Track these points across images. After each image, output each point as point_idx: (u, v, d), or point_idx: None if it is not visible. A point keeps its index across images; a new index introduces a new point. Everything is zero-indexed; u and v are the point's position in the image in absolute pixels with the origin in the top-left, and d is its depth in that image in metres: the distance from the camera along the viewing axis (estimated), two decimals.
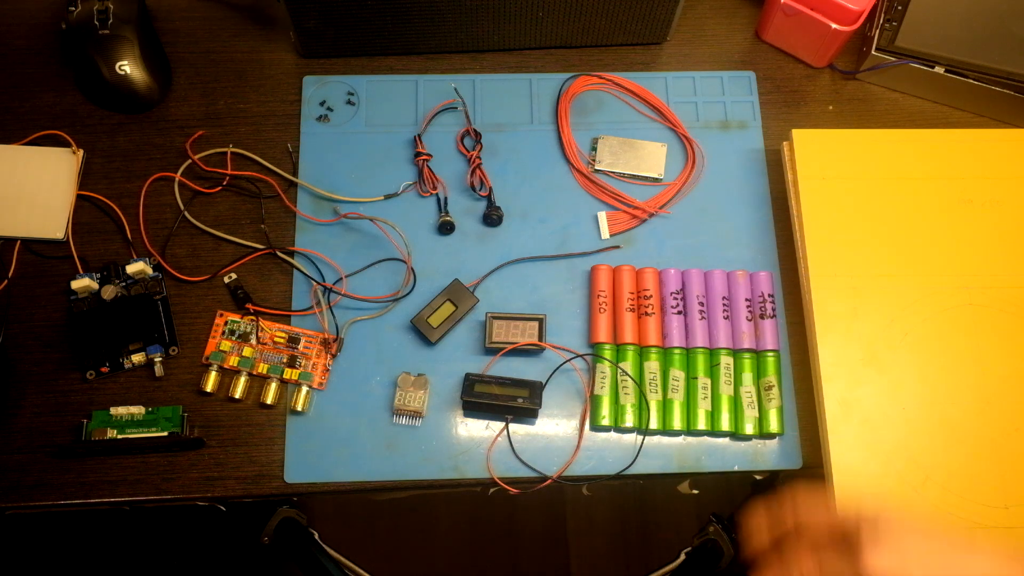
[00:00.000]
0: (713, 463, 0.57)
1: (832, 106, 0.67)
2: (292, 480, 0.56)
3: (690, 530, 0.85)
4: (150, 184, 0.63)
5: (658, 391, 0.57)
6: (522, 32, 0.66)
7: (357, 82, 0.67)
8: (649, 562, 1.19)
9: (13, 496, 0.55)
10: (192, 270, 0.60)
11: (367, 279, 0.61)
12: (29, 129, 0.64)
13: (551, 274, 0.61)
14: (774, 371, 0.57)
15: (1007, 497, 0.53)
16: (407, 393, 0.57)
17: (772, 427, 0.56)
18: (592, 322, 0.59)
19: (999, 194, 0.60)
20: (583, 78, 0.67)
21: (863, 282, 0.58)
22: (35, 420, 0.56)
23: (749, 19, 0.70)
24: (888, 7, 0.65)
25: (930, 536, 0.38)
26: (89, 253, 0.61)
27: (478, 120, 0.66)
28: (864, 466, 0.54)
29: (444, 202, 0.63)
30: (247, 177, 0.63)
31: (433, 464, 0.56)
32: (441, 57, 0.68)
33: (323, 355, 0.58)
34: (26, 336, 0.58)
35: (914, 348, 0.57)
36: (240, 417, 0.57)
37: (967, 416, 0.55)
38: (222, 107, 0.66)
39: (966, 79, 0.64)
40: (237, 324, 0.59)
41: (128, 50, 0.64)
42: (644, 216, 0.63)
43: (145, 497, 0.55)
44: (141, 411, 0.56)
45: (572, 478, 0.56)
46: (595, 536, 1.21)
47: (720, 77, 0.68)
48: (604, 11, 0.65)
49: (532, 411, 0.56)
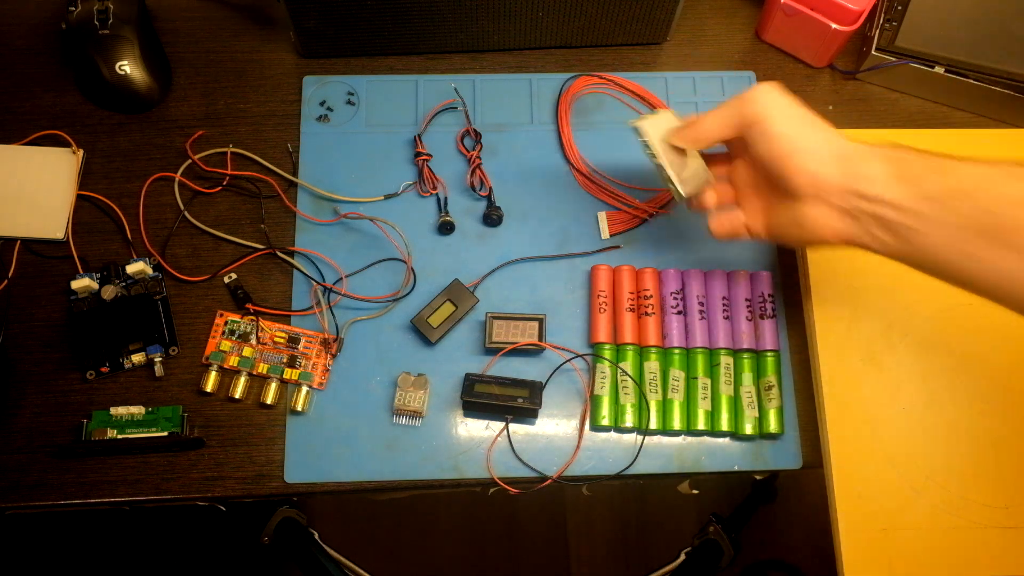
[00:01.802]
0: (713, 463, 0.57)
1: (832, 106, 0.67)
2: (292, 480, 0.56)
3: (690, 530, 0.85)
4: (150, 184, 0.63)
5: (658, 391, 0.57)
6: (522, 32, 0.66)
7: (357, 82, 0.67)
8: (649, 562, 1.19)
9: (13, 496, 0.55)
10: (192, 270, 0.61)
11: (367, 279, 0.61)
12: (29, 129, 0.64)
13: (551, 274, 0.61)
14: (774, 371, 0.57)
15: (1007, 497, 0.53)
16: (407, 393, 0.57)
17: (772, 427, 0.56)
18: (592, 322, 0.59)
19: None
20: (583, 78, 0.67)
21: (863, 282, 0.58)
22: (35, 420, 0.56)
23: (749, 19, 0.70)
24: (888, 7, 0.65)
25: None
26: (89, 253, 0.61)
27: (478, 120, 0.66)
28: (864, 466, 0.54)
29: (444, 202, 0.63)
30: (247, 177, 0.63)
31: (433, 464, 0.56)
32: (441, 57, 0.68)
33: (323, 355, 0.58)
34: (26, 336, 0.58)
35: (914, 348, 0.57)
36: (240, 417, 0.57)
37: (967, 416, 0.55)
38: (222, 107, 0.66)
39: (966, 79, 0.64)
40: (237, 324, 0.59)
41: (128, 50, 0.64)
42: (644, 216, 0.63)
43: (145, 497, 0.55)
44: (141, 411, 0.56)
45: (572, 478, 0.56)
46: (595, 536, 1.21)
47: (720, 77, 0.68)
48: (604, 11, 0.65)
49: (532, 411, 0.56)
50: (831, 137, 0.45)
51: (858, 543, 0.52)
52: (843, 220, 0.45)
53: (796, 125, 0.45)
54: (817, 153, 0.45)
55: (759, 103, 0.46)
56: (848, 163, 0.44)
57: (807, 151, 0.45)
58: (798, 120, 0.46)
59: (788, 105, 0.46)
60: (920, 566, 0.52)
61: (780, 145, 0.45)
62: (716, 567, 0.79)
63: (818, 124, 0.46)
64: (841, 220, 0.45)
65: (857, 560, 0.52)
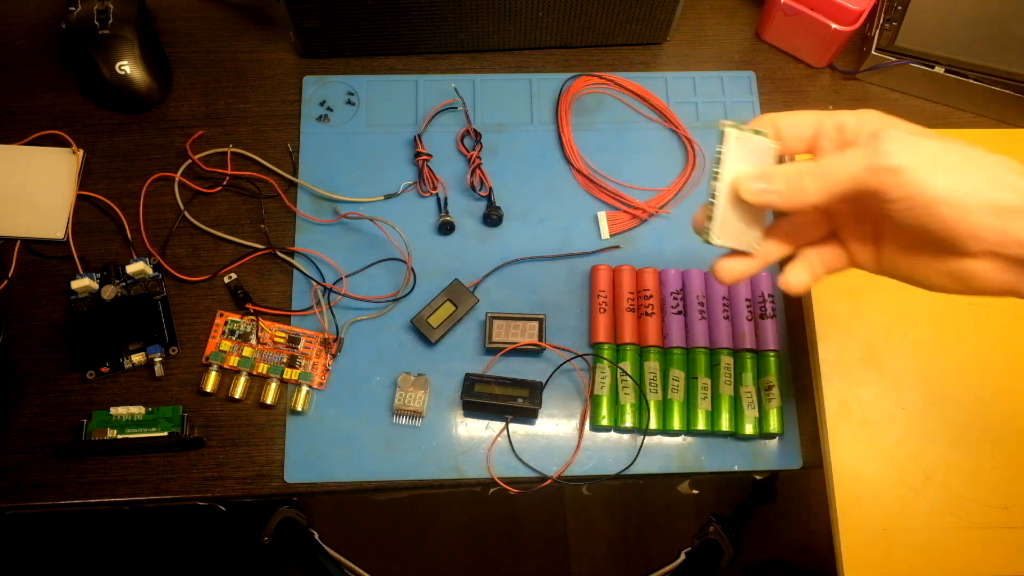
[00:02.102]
0: (713, 463, 0.57)
1: (832, 106, 0.67)
2: (292, 480, 0.56)
3: (690, 530, 0.85)
4: (150, 184, 0.63)
5: (658, 391, 0.57)
6: (522, 32, 0.66)
7: (357, 82, 0.67)
8: (649, 562, 1.19)
9: (13, 496, 0.55)
10: (192, 270, 0.61)
11: (367, 279, 0.61)
12: (29, 129, 0.64)
13: (551, 274, 0.61)
14: (774, 371, 0.57)
15: (1007, 497, 0.53)
16: (407, 393, 0.57)
17: (772, 427, 0.56)
18: (592, 322, 0.59)
19: None
20: (583, 78, 0.67)
21: (863, 282, 0.58)
22: (35, 420, 0.56)
23: (749, 19, 0.70)
24: (888, 7, 0.65)
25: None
26: (89, 253, 0.61)
27: (478, 120, 0.66)
28: (864, 466, 0.54)
29: (444, 202, 0.63)
30: (247, 177, 0.63)
31: (433, 464, 0.56)
32: (441, 57, 0.68)
33: (323, 355, 0.58)
34: (26, 336, 0.58)
35: (914, 348, 0.57)
36: (240, 417, 0.57)
37: (967, 416, 0.55)
38: (222, 107, 0.66)
39: (966, 79, 0.64)
40: (237, 324, 0.59)
41: (128, 50, 0.64)
42: (644, 216, 0.63)
43: (145, 497, 0.55)
44: (141, 411, 0.56)
45: (572, 478, 0.56)
46: (595, 536, 1.21)
47: (720, 77, 0.68)
48: (604, 11, 0.65)
49: (532, 411, 0.56)
50: (992, 172, 0.35)
51: (858, 543, 0.52)
52: (1018, 272, 0.36)
53: (950, 175, 0.35)
54: (990, 205, 0.35)
55: (894, 156, 0.35)
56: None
57: (976, 207, 0.35)
58: (948, 168, 0.35)
59: (926, 147, 0.35)
60: (920, 566, 0.52)
61: (938, 209, 0.35)
62: (716, 567, 0.79)
63: (969, 159, 0.35)
64: (1016, 272, 0.36)
65: (857, 560, 0.52)
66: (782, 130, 0.40)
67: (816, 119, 0.39)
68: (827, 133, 0.39)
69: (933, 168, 0.35)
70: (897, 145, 0.35)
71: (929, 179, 0.34)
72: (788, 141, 0.40)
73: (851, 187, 0.36)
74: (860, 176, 0.36)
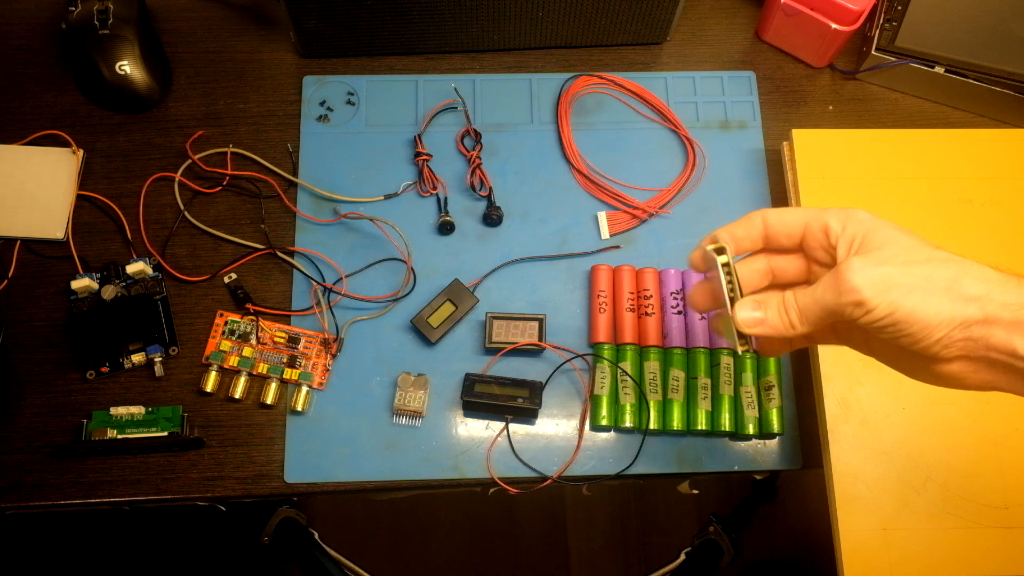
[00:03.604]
0: (713, 463, 0.57)
1: (832, 106, 0.67)
2: (292, 480, 0.56)
3: (690, 530, 0.85)
4: (150, 184, 0.63)
5: (658, 391, 0.57)
6: (522, 32, 0.66)
7: (357, 82, 0.67)
8: (649, 562, 1.19)
9: (13, 496, 0.55)
10: (192, 270, 0.61)
11: (367, 279, 0.61)
12: (29, 129, 0.64)
13: (551, 274, 0.61)
14: (774, 371, 0.57)
15: (1007, 497, 0.53)
16: (407, 393, 0.57)
17: (772, 427, 0.56)
18: (592, 322, 0.59)
19: (999, 194, 0.60)
20: (583, 78, 0.67)
21: None
22: (35, 420, 0.56)
23: (749, 19, 0.70)
24: (888, 7, 0.65)
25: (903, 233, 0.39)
26: (89, 253, 0.61)
27: (478, 120, 0.66)
28: (864, 466, 0.54)
29: (444, 202, 0.63)
30: (247, 177, 0.63)
31: (433, 464, 0.56)
32: (441, 57, 0.68)
33: (323, 355, 0.58)
34: (26, 336, 0.58)
35: None
36: (240, 417, 0.57)
37: (967, 416, 0.55)
38: (222, 107, 0.66)
39: (966, 79, 0.64)
40: (237, 324, 0.59)
41: (128, 50, 0.64)
42: (644, 216, 0.63)
43: (145, 497, 0.55)
44: (141, 411, 0.56)
45: (572, 478, 0.56)
46: (595, 536, 1.21)
47: (720, 77, 0.68)
48: (604, 11, 0.65)
49: (532, 411, 0.56)
50: (955, 286, 0.36)
51: (858, 543, 0.52)
52: (992, 372, 0.38)
53: (910, 297, 0.36)
54: (951, 321, 0.36)
55: (857, 292, 0.37)
56: (994, 327, 0.36)
57: (940, 324, 0.36)
58: (908, 290, 0.36)
59: (887, 275, 0.37)
60: (920, 566, 0.52)
61: (906, 328, 0.37)
62: (716, 567, 0.79)
63: (930, 278, 0.37)
64: (990, 372, 0.38)
65: (857, 560, 0.52)
66: (772, 227, 0.42)
67: (804, 219, 0.41)
68: (814, 234, 0.41)
69: (896, 294, 0.37)
70: (859, 278, 0.37)
71: (893, 304, 0.37)
72: (778, 239, 0.42)
73: (828, 318, 0.39)
74: (832, 309, 0.38)
